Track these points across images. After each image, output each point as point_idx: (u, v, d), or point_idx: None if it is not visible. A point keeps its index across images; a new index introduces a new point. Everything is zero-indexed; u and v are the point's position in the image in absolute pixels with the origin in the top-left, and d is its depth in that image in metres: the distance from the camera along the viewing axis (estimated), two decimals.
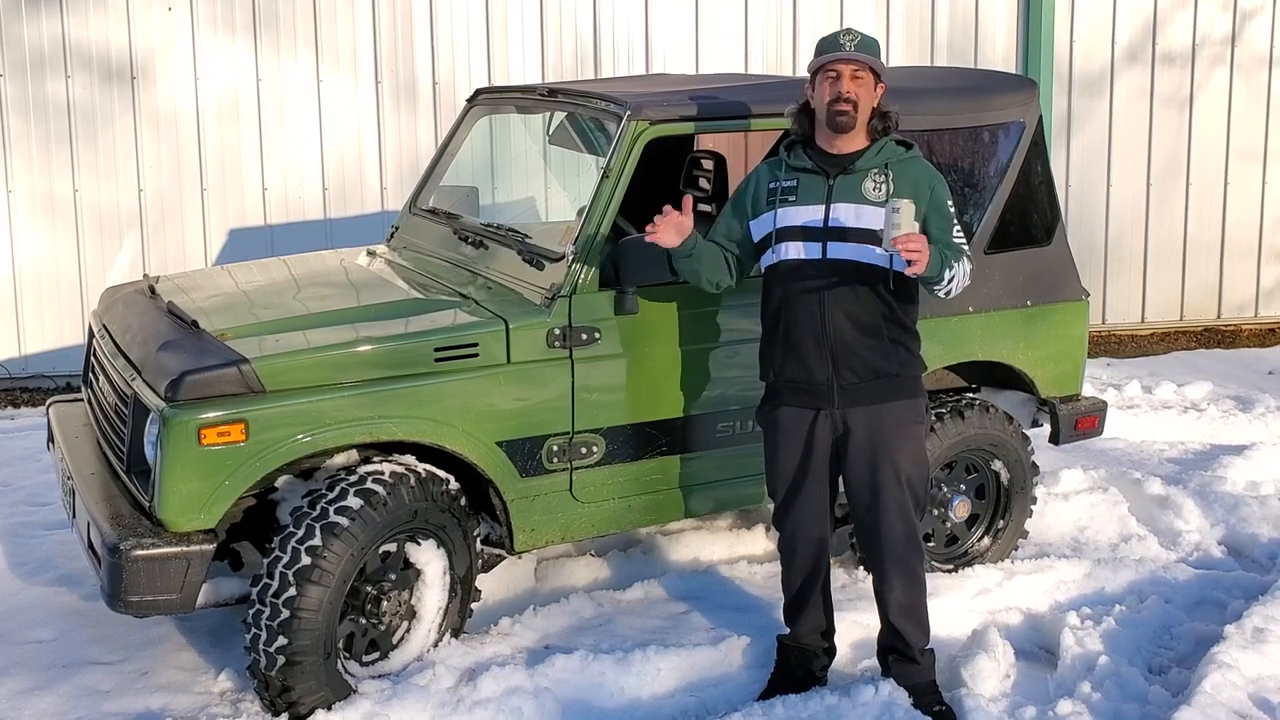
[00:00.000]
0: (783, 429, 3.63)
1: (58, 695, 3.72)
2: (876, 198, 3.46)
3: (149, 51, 7.19)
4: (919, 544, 3.65)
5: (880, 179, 3.48)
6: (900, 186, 3.47)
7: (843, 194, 3.48)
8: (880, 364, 3.51)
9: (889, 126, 3.54)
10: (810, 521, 3.67)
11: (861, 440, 3.54)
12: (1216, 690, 3.57)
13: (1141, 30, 8.43)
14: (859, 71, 3.43)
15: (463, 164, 5.19)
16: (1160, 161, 8.56)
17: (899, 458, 3.54)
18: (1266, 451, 5.89)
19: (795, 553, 3.72)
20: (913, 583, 3.64)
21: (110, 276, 7.14)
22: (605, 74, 7.75)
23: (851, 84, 3.43)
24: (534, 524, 3.88)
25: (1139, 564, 4.64)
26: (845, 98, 3.42)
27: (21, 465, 5.75)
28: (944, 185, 3.57)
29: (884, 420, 3.53)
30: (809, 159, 3.55)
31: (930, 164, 3.63)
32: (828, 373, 3.51)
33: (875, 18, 8.08)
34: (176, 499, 3.32)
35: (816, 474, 3.61)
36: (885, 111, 3.53)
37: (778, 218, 3.54)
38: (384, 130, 7.53)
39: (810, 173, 3.54)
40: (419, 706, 3.47)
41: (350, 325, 3.78)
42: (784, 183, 3.56)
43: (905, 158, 3.53)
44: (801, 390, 3.57)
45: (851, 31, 3.47)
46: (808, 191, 3.53)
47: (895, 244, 3.22)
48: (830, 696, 3.63)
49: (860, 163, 3.49)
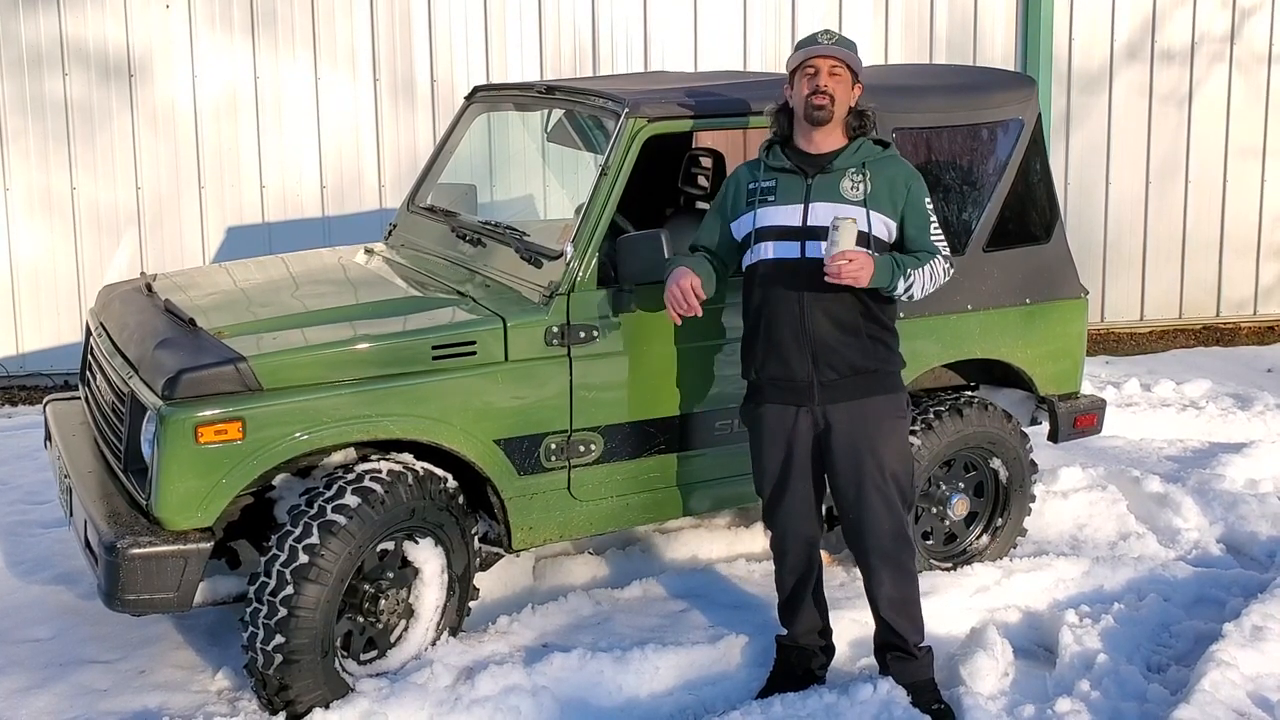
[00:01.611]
0: (766, 426, 3.65)
1: (55, 694, 3.71)
2: (854, 197, 3.50)
3: (147, 49, 7.18)
4: (908, 539, 3.65)
5: (858, 178, 3.51)
6: (877, 185, 3.51)
7: (821, 193, 3.52)
8: (859, 361, 3.54)
9: (866, 125, 3.58)
10: (798, 518, 3.68)
11: (843, 436, 3.56)
12: (1215, 688, 3.56)
13: (1140, 27, 8.43)
14: (836, 68, 3.48)
15: (461, 162, 5.18)
16: (1159, 159, 8.55)
17: (882, 453, 3.56)
18: (1265, 449, 5.88)
19: (787, 551, 3.73)
20: (903, 577, 3.64)
21: (108, 274, 7.14)
22: (603, 71, 7.74)
23: (829, 79, 3.48)
24: (532, 522, 3.87)
25: (1138, 562, 4.64)
26: (822, 90, 3.46)
27: (19, 463, 5.74)
28: (922, 184, 3.60)
29: (865, 416, 3.55)
30: (787, 159, 3.58)
31: (907, 163, 3.66)
32: (808, 370, 3.53)
33: (874, 14, 8.07)
34: (173, 497, 3.32)
35: (801, 471, 3.63)
36: (862, 111, 3.57)
37: (757, 218, 3.58)
38: (382, 128, 7.52)
39: (788, 172, 3.57)
40: (417, 705, 3.46)
41: (348, 323, 3.77)
42: (763, 183, 3.60)
43: (882, 156, 3.56)
44: (783, 387, 3.59)
45: (830, 31, 3.55)
46: (786, 191, 3.55)
47: (832, 261, 3.32)
48: (829, 695, 3.63)
49: (838, 161, 3.53)
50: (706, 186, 5.00)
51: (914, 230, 3.56)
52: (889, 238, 3.54)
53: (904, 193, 3.55)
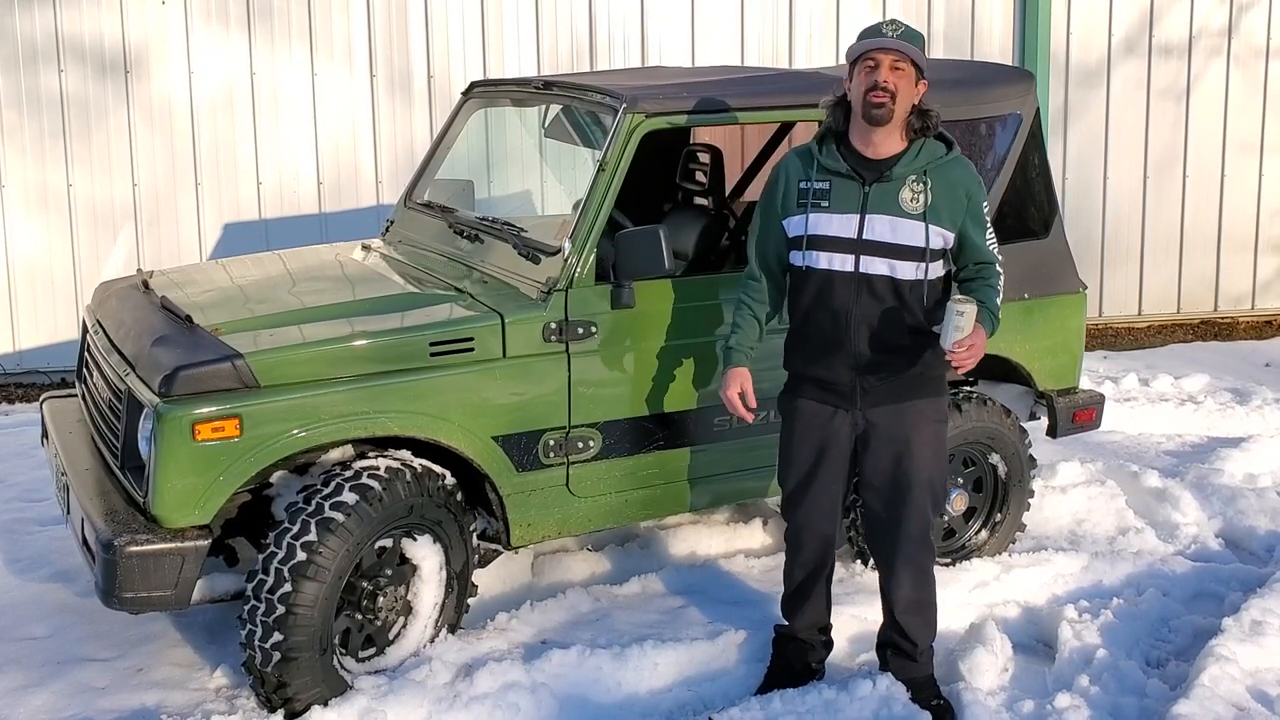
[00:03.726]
0: (801, 418, 3.57)
1: (52, 692, 3.70)
2: (914, 210, 3.34)
3: (143, 45, 7.16)
4: (931, 543, 3.62)
5: (918, 188, 3.34)
6: (938, 195, 3.35)
7: (878, 204, 3.35)
8: (903, 369, 3.45)
9: (928, 126, 3.37)
10: (820, 516, 3.62)
11: (884, 437, 3.49)
12: (1215, 683, 3.56)
13: (1139, 22, 8.42)
14: (899, 62, 3.27)
15: (458, 157, 5.17)
16: (1157, 153, 8.55)
17: (919, 456, 3.49)
18: (1263, 444, 5.89)
19: (803, 545, 3.68)
20: (923, 580, 3.62)
21: (104, 271, 7.12)
22: (601, 66, 7.73)
23: (890, 75, 3.26)
24: (530, 519, 3.87)
25: (1137, 557, 4.64)
26: (883, 87, 3.25)
27: (16, 461, 5.73)
28: (981, 189, 3.45)
29: (906, 418, 3.47)
30: (843, 159, 3.40)
31: (969, 165, 3.48)
32: (851, 377, 3.46)
33: (871, 7, 8.06)
34: (171, 495, 3.31)
35: (832, 469, 3.56)
36: (926, 110, 3.36)
37: (809, 223, 3.41)
38: (379, 124, 7.50)
39: (844, 177, 3.39)
40: (415, 702, 3.46)
41: (345, 320, 3.76)
42: (815, 184, 3.42)
43: (946, 160, 3.39)
44: (825, 388, 3.51)
45: (895, 21, 3.31)
46: (841, 198, 3.38)
47: (957, 346, 3.25)
48: (828, 691, 3.62)
49: (898, 169, 3.35)
50: (704, 182, 4.99)
51: (973, 237, 3.43)
52: (944, 246, 3.41)
53: (964, 202, 3.39)
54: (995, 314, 3.46)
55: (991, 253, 3.48)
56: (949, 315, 3.25)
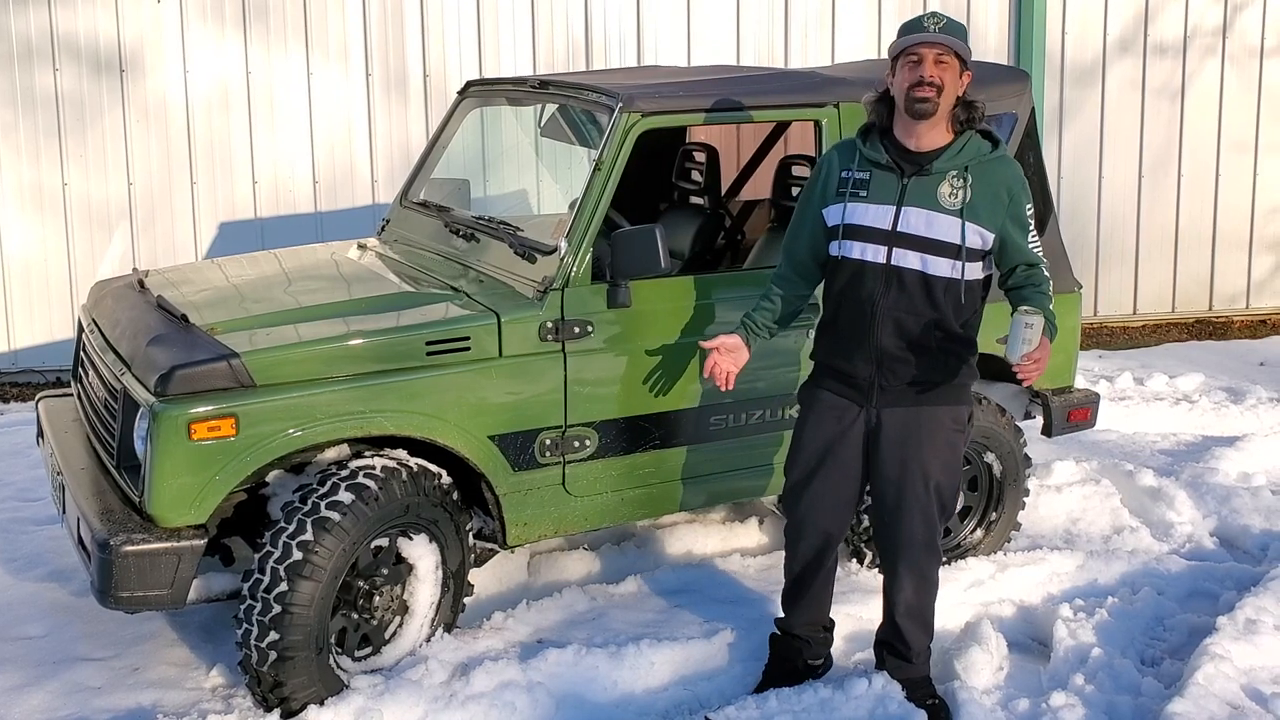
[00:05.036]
0: (816, 409, 3.55)
1: (48, 692, 3.70)
2: (951, 205, 3.29)
3: (138, 44, 7.15)
4: (937, 550, 3.59)
5: (958, 183, 3.29)
6: (978, 193, 3.30)
7: (916, 197, 3.32)
8: (924, 373, 3.41)
9: (974, 118, 3.33)
10: (821, 511, 3.59)
11: (894, 439, 3.45)
12: (1209, 681, 3.57)
13: (1133, 21, 8.43)
14: (943, 56, 3.24)
15: (454, 156, 5.17)
16: (1152, 153, 8.57)
17: (930, 463, 3.45)
18: (1258, 443, 5.90)
19: (801, 539, 3.66)
20: (925, 586, 3.61)
21: (100, 270, 7.12)
22: (597, 65, 7.73)
23: (934, 68, 3.23)
24: (527, 518, 3.87)
25: (1131, 556, 4.65)
26: (928, 81, 3.22)
27: (11, 460, 5.73)
28: (1025, 188, 3.39)
29: (920, 423, 3.44)
30: (885, 151, 3.37)
31: (1014, 164, 3.42)
32: (871, 373, 3.43)
33: (866, 7, 8.07)
34: (167, 494, 3.31)
35: (839, 465, 3.53)
36: (971, 101, 3.32)
37: (846, 212, 3.38)
38: (375, 123, 7.50)
39: (884, 168, 3.36)
40: (412, 701, 3.46)
41: (341, 319, 3.76)
42: (856, 174, 3.39)
43: (990, 158, 3.33)
44: (844, 381, 3.50)
45: (937, 15, 3.28)
46: (879, 189, 3.35)
47: (1025, 359, 3.22)
48: (824, 689, 3.62)
49: (939, 163, 3.30)
50: (701, 181, 5.00)
51: (1015, 238, 3.37)
52: (983, 247, 3.36)
53: (1005, 202, 3.33)
54: (1054, 321, 3.39)
55: (1035, 253, 3.42)
56: (1016, 327, 3.21)
